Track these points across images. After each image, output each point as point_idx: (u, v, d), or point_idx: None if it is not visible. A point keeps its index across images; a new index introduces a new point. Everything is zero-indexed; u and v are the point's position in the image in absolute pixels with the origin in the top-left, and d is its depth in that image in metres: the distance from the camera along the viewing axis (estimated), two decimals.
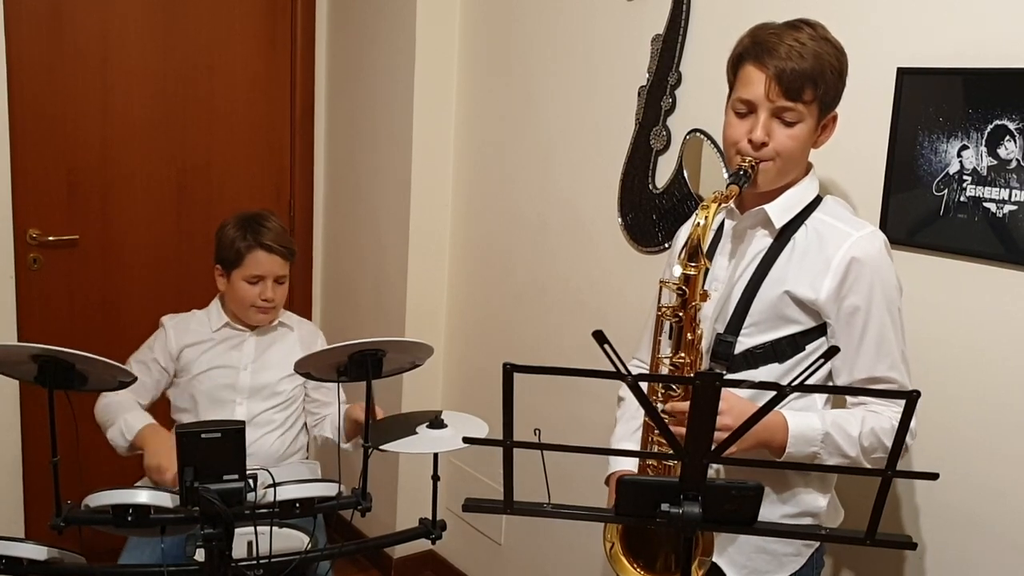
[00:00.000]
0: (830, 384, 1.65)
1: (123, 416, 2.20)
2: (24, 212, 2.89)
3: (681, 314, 1.58)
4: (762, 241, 1.67)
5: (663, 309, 1.62)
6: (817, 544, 1.71)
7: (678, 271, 1.58)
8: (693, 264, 1.56)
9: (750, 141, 1.59)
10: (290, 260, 2.34)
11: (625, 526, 1.63)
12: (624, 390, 1.90)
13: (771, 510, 1.65)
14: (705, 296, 1.60)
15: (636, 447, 1.77)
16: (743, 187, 1.58)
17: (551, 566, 2.83)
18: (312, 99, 3.40)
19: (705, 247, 1.57)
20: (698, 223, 1.55)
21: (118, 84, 3.02)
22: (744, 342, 1.64)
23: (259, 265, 2.27)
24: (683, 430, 1.23)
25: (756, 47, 1.58)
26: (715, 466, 1.63)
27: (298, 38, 3.33)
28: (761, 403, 1.23)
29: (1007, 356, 1.73)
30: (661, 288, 1.63)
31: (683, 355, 1.60)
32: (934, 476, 1.24)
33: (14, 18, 2.79)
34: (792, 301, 1.61)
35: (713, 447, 1.22)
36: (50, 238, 2.97)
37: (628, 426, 1.84)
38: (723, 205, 1.58)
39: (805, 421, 1.56)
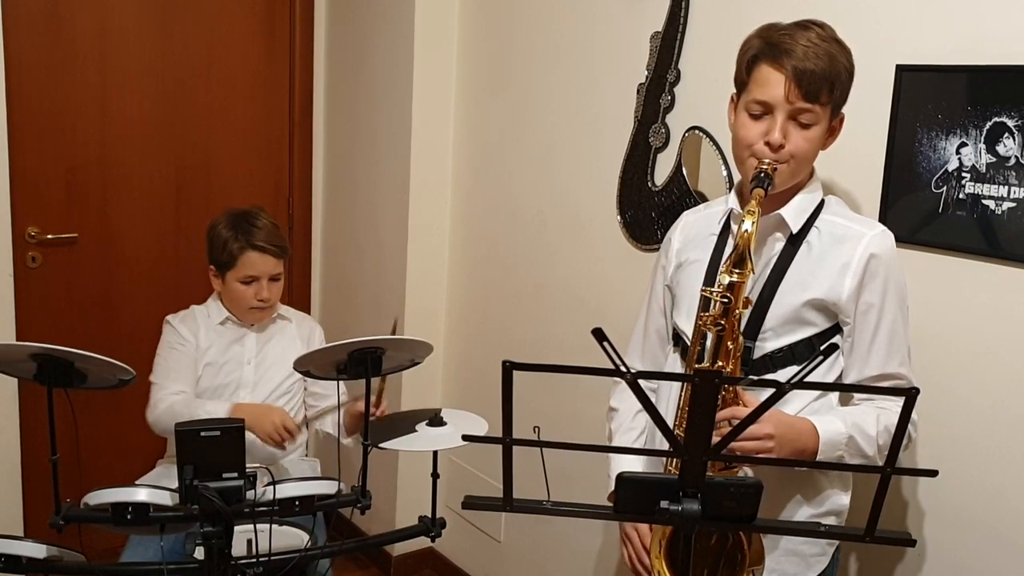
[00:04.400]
0: (833, 382, 1.64)
1: (200, 409, 2.19)
2: (23, 210, 2.89)
3: (723, 322, 1.54)
4: (775, 245, 1.66)
5: (704, 317, 1.56)
6: (838, 542, 1.71)
7: (726, 279, 1.52)
8: (739, 271, 1.51)
9: (767, 143, 1.57)
10: (283, 257, 2.33)
11: (668, 544, 1.59)
12: (615, 399, 1.89)
13: (798, 509, 1.65)
14: (748, 303, 1.56)
15: (638, 463, 1.76)
16: (767, 190, 1.56)
17: (551, 563, 2.83)
18: (311, 97, 3.40)
19: (752, 253, 1.52)
20: (746, 230, 1.50)
21: (117, 83, 3.01)
22: (763, 347, 1.63)
23: (253, 266, 2.27)
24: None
25: (771, 48, 1.56)
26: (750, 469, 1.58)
27: (297, 36, 3.32)
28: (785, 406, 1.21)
29: (1006, 353, 1.73)
30: (702, 297, 1.60)
31: (721, 364, 1.55)
32: (933, 473, 1.24)
33: (12, 17, 2.79)
34: (811, 306, 1.60)
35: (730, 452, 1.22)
36: (49, 236, 2.97)
37: (626, 438, 1.84)
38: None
39: (831, 426, 1.56)
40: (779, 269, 1.63)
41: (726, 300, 1.53)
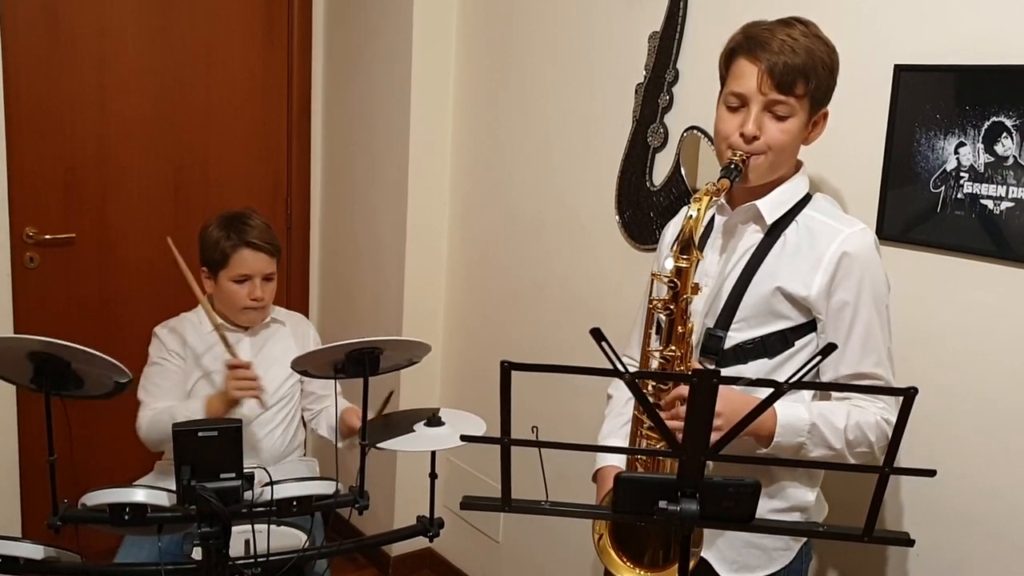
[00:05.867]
0: (817, 380, 1.65)
1: (178, 412, 2.18)
2: (21, 210, 2.89)
3: (672, 307, 1.59)
4: (752, 237, 1.67)
5: (654, 302, 1.62)
6: (805, 538, 1.72)
7: (670, 264, 1.58)
8: (685, 257, 1.57)
9: (741, 135, 1.59)
10: (276, 257, 2.32)
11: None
12: (612, 387, 1.91)
13: (760, 504, 1.64)
14: (696, 289, 1.60)
15: (624, 442, 1.77)
16: (734, 181, 1.58)
17: (549, 563, 2.83)
18: (309, 97, 3.40)
19: (697, 239, 1.57)
20: (690, 215, 1.55)
21: (115, 82, 3.01)
22: (734, 337, 1.65)
23: (245, 264, 2.26)
24: (678, 423, 1.23)
25: (748, 42, 1.59)
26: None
27: (295, 36, 3.32)
28: (753, 394, 1.22)
29: (1003, 353, 1.73)
30: (652, 281, 1.63)
31: (673, 348, 1.60)
32: (931, 473, 1.24)
33: (11, 16, 2.79)
34: (783, 297, 1.61)
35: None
36: (47, 236, 2.96)
37: (615, 422, 1.85)
38: (715, 199, 1.58)
39: (793, 411, 1.56)
40: (754, 260, 1.65)
41: (673, 285, 1.57)
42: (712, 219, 1.75)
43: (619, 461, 1.77)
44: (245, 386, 2.15)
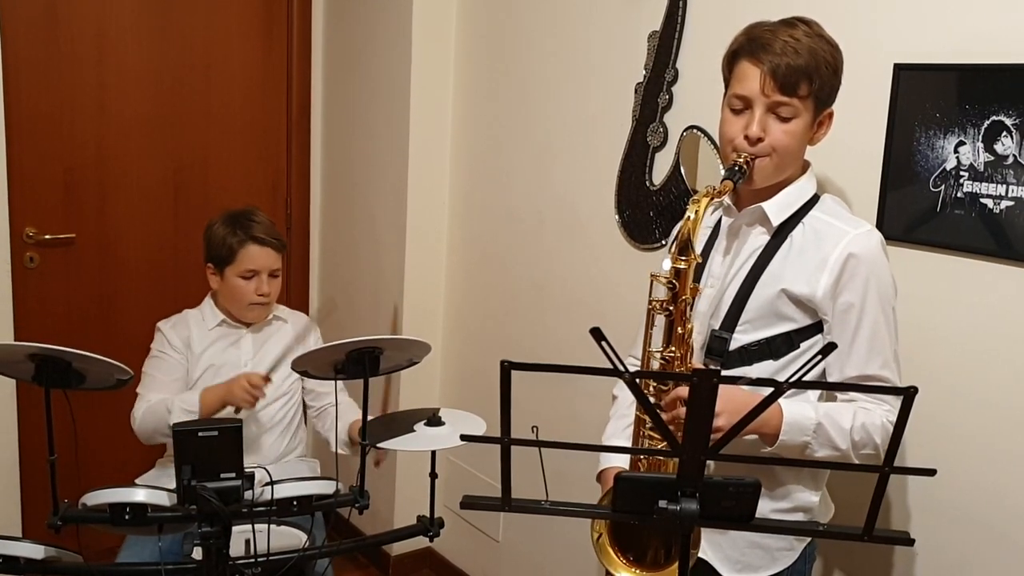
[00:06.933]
0: (823, 381, 1.65)
1: (174, 402, 2.18)
2: (21, 211, 2.89)
3: (671, 308, 1.59)
4: (759, 238, 1.67)
5: (653, 303, 1.62)
6: (809, 538, 1.72)
7: (668, 265, 1.58)
8: (683, 258, 1.57)
9: (746, 137, 1.59)
10: (282, 252, 2.34)
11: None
12: (618, 388, 1.91)
13: (763, 505, 1.65)
14: (695, 290, 1.60)
15: (627, 443, 1.77)
16: (737, 183, 1.59)
17: (549, 563, 2.83)
18: (308, 97, 3.39)
19: (696, 241, 1.57)
20: (688, 217, 1.55)
21: (114, 83, 3.01)
22: (739, 339, 1.65)
23: (253, 260, 2.27)
24: (678, 424, 1.22)
25: (751, 43, 1.59)
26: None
27: (294, 36, 3.32)
28: (757, 393, 1.22)
29: (1004, 352, 1.73)
30: (652, 281, 1.63)
31: (673, 349, 1.60)
32: (931, 472, 1.24)
33: (10, 17, 2.79)
34: (788, 299, 1.61)
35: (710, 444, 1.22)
36: (47, 236, 2.96)
37: (619, 423, 1.85)
38: (715, 200, 1.58)
39: (799, 410, 1.56)
40: (760, 262, 1.65)
41: (671, 286, 1.57)
42: (719, 221, 1.76)
43: (623, 462, 1.77)
44: (250, 399, 2.17)
